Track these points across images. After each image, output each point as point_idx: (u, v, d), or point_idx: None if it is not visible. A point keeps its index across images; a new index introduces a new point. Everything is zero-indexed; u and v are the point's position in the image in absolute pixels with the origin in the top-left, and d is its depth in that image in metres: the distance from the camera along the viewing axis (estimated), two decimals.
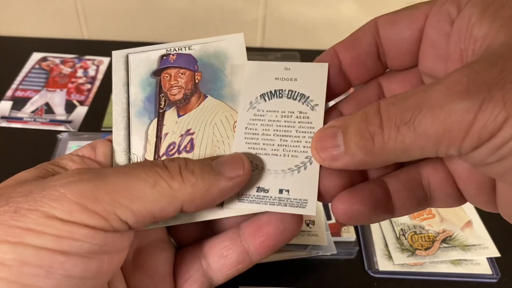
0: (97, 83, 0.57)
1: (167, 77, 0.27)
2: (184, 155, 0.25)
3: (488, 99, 0.16)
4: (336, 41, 0.25)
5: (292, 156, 0.24)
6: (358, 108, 0.21)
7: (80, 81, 0.57)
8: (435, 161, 0.23)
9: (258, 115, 0.25)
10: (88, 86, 0.57)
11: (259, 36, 0.64)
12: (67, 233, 0.18)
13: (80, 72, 0.59)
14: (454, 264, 0.39)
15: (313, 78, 0.25)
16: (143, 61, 0.27)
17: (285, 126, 0.24)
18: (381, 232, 0.41)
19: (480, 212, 0.43)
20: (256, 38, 0.64)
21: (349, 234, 0.40)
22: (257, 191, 0.23)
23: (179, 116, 0.26)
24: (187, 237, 0.27)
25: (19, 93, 0.55)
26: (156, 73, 0.27)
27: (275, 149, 0.24)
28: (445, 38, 0.21)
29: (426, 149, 0.18)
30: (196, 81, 0.26)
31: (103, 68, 0.60)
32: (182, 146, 0.25)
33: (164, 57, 0.27)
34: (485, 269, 0.39)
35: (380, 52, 0.24)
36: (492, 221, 0.42)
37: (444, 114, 0.17)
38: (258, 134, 0.24)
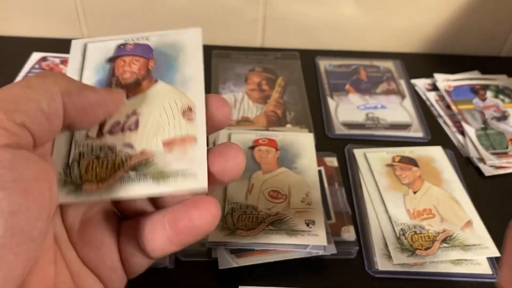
0: None
1: (121, 63, 0.27)
2: (127, 133, 0.25)
3: None
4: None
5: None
6: None
7: None
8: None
9: None
10: None
11: (259, 36, 0.64)
12: None
13: None
14: (454, 264, 0.39)
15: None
16: (100, 49, 0.28)
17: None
18: (381, 232, 0.41)
19: (480, 212, 0.43)
20: (256, 38, 0.64)
21: (349, 234, 0.40)
22: None
23: (127, 98, 0.26)
24: (128, 210, 0.26)
25: None
26: (111, 60, 0.27)
27: None
28: None
29: None
30: (150, 67, 0.27)
31: None
32: (126, 125, 0.25)
33: (121, 46, 0.28)
34: (485, 269, 0.39)
35: None
36: (492, 221, 0.42)
37: None
38: None
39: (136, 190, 0.23)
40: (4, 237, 0.17)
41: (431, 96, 0.58)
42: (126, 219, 0.26)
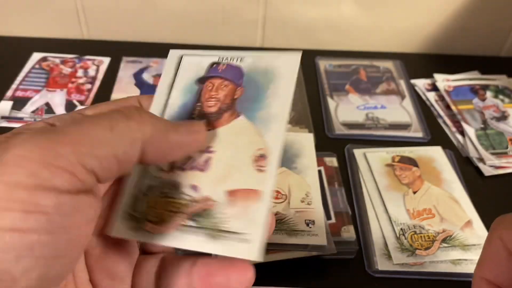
0: (97, 83, 0.57)
1: (209, 86, 0.26)
2: (196, 172, 0.24)
3: None
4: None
5: None
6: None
7: (80, 81, 0.57)
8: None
9: None
10: (88, 86, 0.57)
11: (259, 36, 0.64)
12: (34, 206, 0.17)
13: (80, 72, 0.59)
14: (454, 263, 0.39)
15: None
16: (194, 65, 0.27)
17: None
18: (381, 232, 0.41)
19: (480, 211, 0.43)
20: (256, 38, 0.64)
21: (349, 234, 0.40)
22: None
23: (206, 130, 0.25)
24: (150, 247, 0.26)
25: (19, 93, 0.55)
26: (201, 81, 0.26)
27: None
28: None
29: None
30: (236, 96, 0.25)
31: (103, 68, 0.60)
32: (197, 162, 0.24)
33: (214, 65, 0.26)
34: None
35: None
36: (492, 221, 0.42)
37: None
38: None
39: (188, 243, 0.23)
40: (37, 280, 0.17)
41: (431, 96, 0.58)
42: (147, 253, 0.26)
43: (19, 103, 0.54)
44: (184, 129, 0.22)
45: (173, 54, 0.27)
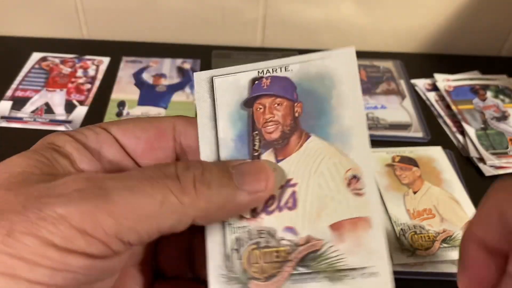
0: (97, 83, 0.57)
1: (260, 108, 0.22)
2: (285, 212, 0.21)
3: None
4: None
5: None
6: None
7: (80, 81, 0.57)
8: None
9: None
10: (88, 86, 0.57)
11: (259, 36, 0.64)
12: (63, 265, 0.17)
13: (80, 72, 0.59)
14: (455, 264, 0.39)
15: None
16: (231, 86, 0.23)
17: None
18: None
19: None
20: (256, 38, 0.64)
21: None
22: None
23: (277, 161, 0.21)
24: (171, 269, 0.25)
25: (19, 93, 0.55)
26: (248, 104, 0.22)
27: None
28: None
29: None
30: (296, 114, 0.22)
31: (103, 68, 0.60)
32: (283, 201, 0.21)
33: (256, 82, 0.22)
34: None
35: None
36: None
37: None
38: None
39: None
40: None
41: (431, 96, 0.58)
42: (162, 277, 0.25)
43: (18, 103, 0.54)
44: (243, 193, 0.19)
45: (201, 77, 0.23)
